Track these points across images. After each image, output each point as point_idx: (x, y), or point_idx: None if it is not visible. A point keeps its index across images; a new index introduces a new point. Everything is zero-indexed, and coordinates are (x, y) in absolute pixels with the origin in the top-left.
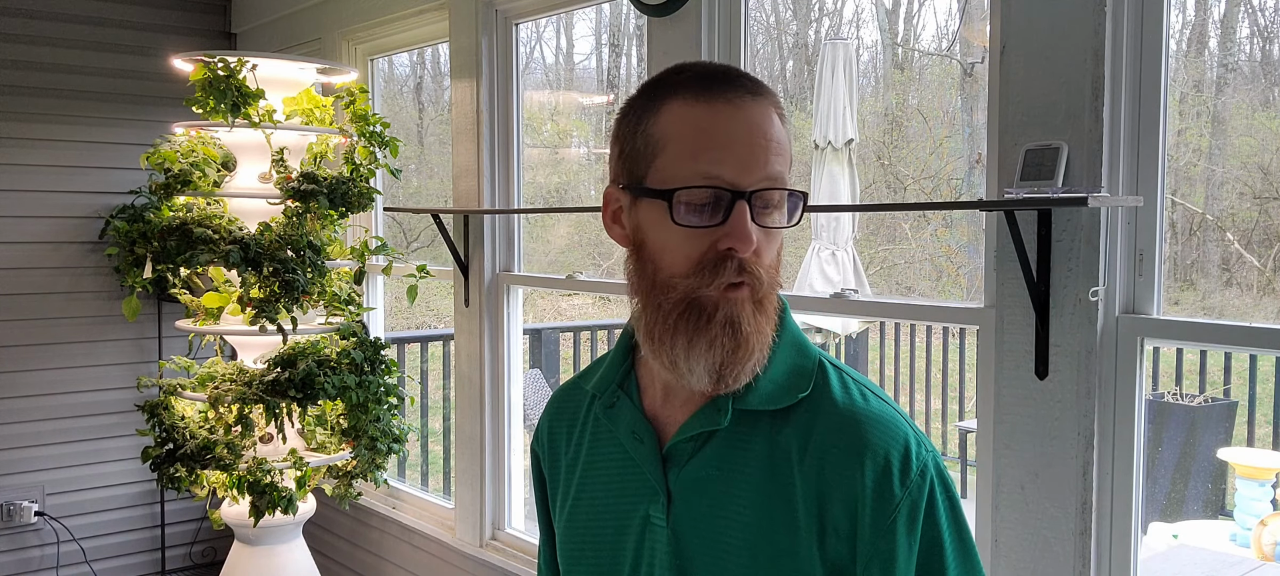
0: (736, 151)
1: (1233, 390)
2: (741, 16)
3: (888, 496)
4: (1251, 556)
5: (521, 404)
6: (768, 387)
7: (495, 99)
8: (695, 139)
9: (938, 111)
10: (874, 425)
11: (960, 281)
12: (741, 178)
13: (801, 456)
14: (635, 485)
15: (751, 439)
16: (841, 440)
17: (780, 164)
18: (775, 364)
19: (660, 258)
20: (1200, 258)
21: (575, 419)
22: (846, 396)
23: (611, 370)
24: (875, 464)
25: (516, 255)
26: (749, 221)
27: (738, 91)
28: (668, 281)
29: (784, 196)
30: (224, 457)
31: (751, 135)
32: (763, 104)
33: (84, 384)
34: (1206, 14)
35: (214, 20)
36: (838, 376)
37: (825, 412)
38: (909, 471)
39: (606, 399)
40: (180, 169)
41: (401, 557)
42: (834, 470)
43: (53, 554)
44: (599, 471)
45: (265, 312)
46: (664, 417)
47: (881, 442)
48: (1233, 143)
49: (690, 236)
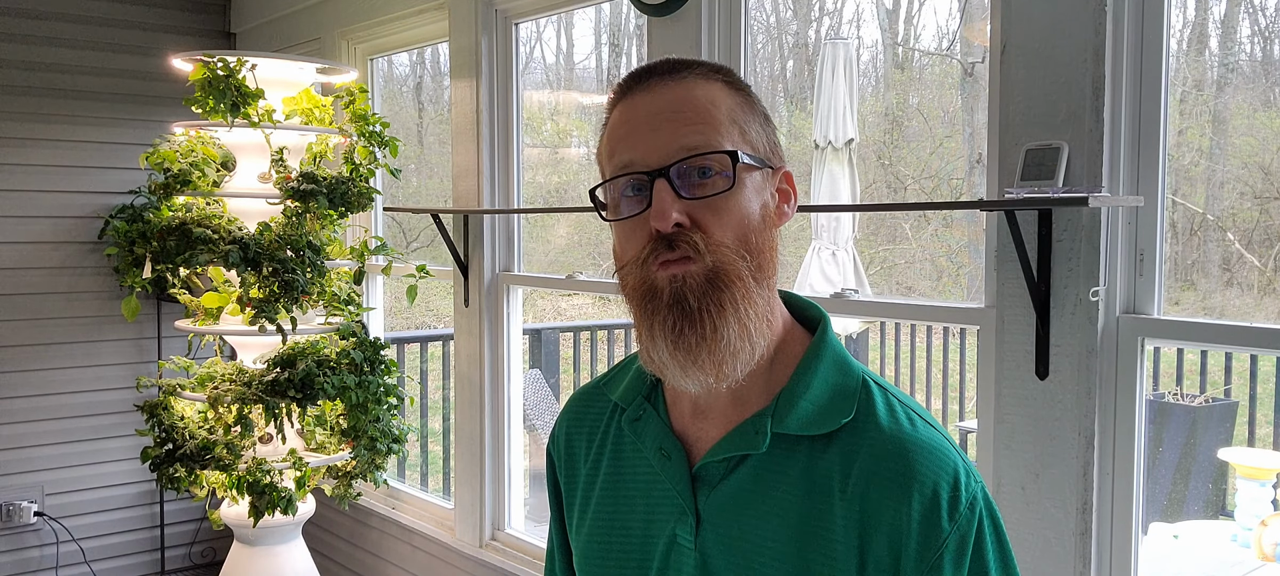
0: (641, 134)
1: (1233, 390)
2: (741, 16)
3: (935, 530)
4: (1252, 557)
5: (521, 404)
6: (808, 410)
7: (495, 99)
8: (612, 137)
9: (938, 111)
10: (922, 454)
11: (960, 281)
12: (650, 157)
13: (843, 485)
14: (662, 503)
15: (789, 463)
16: (887, 469)
17: (699, 132)
18: (816, 383)
19: (620, 257)
20: (1201, 258)
21: (596, 427)
22: (893, 421)
23: (637, 380)
24: (923, 496)
25: (516, 255)
26: (665, 197)
27: (652, 78)
28: (626, 277)
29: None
30: (223, 458)
31: (657, 115)
32: (680, 80)
33: (83, 384)
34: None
35: (214, 20)
36: (883, 398)
37: (870, 439)
38: (958, 505)
39: (633, 411)
40: (180, 169)
41: (401, 558)
42: (878, 501)
43: (52, 554)
44: (623, 486)
45: (265, 313)
46: (693, 434)
47: (930, 473)
48: (1233, 142)
49: (630, 229)
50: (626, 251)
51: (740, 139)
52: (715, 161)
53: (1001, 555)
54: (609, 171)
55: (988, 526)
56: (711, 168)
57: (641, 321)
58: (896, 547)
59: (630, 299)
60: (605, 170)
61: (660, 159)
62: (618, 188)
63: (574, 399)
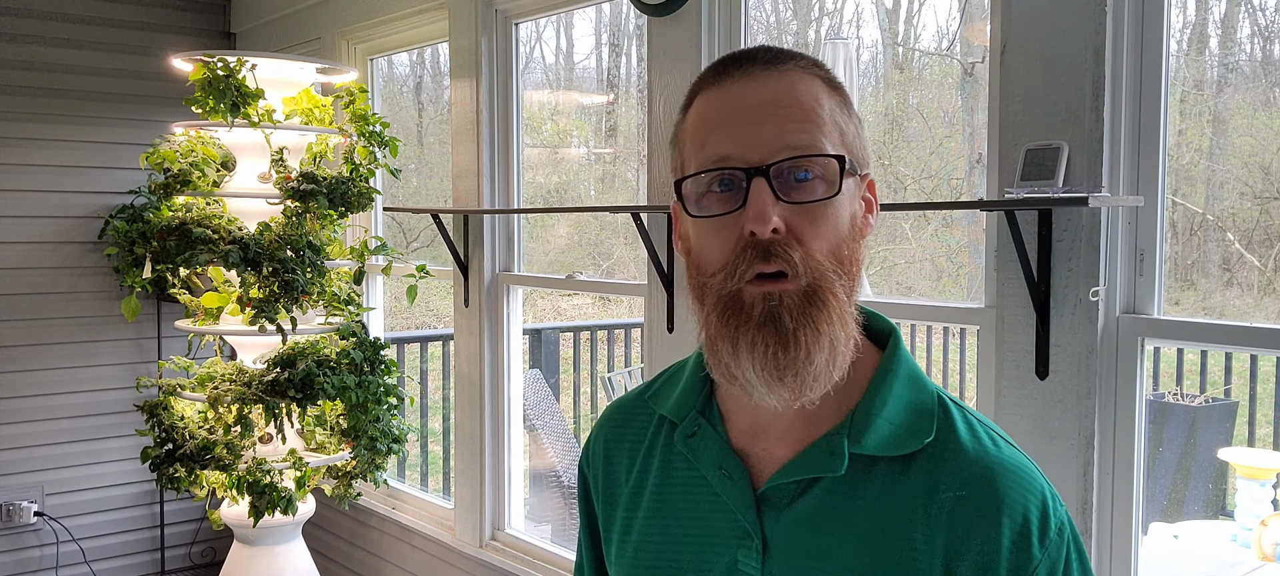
0: (743, 126)
1: (1233, 390)
2: (741, 16)
3: (1026, 557)
4: (1252, 557)
5: (521, 404)
6: (887, 430)
7: (495, 99)
8: (704, 124)
9: (938, 111)
10: (1010, 477)
11: (960, 281)
12: (750, 153)
13: (926, 510)
14: (721, 526)
15: (866, 486)
16: (975, 494)
17: (805, 132)
18: (892, 401)
19: (699, 260)
20: (1201, 257)
21: (639, 442)
22: (976, 443)
23: (689, 393)
24: (1013, 521)
25: (516, 255)
26: (765, 198)
27: (751, 65)
28: (706, 283)
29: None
30: (223, 458)
31: (760, 107)
32: (783, 72)
33: (83, 384)
34: (1207, 14)
35: (214, 20)
36: (962, 417)
37: (954, 462)
38: (1048, 530)
39: (687, 426)
40: (180, 169)
41: (401, 558)
42: (966, 526)
43: (52, 554)
44: (674, 505)
45: (265, 313)
46: (755, 453)
47: (1019, 498)
48: (1233, 142)
49: (715, 228)
50: (708, 254)
51: (840, 142)
52: (818, 165)
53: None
54: (697, 163)
55: (1074, 553)
56: (811, 171)
57: (722, 332)
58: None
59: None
60: (689, 161)
61: (761, 156)
62: (704, 182)
63: (612, 412)
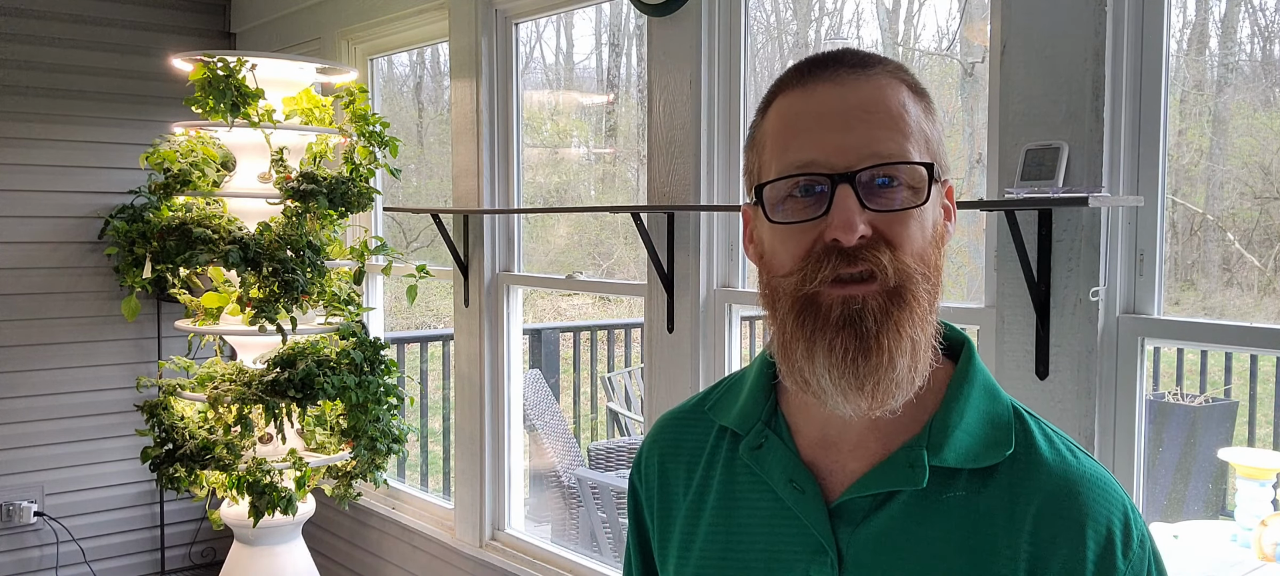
0: (828, 131)
1: (1233, 390)
2: (741, 16)
3: (1110, 569)
4: (1252, 557)
5: (521, 404)
6: (966, 442)
7: (495, 99)
8: (787, 129)
9: (938, 111)
10: (1092, 489)
11: (960, 281)
12: (836, 159)
13: (1009, 524)
14: (790, 540)
15: (946, 500)
16: (1058, 507)
17: (892, 139)
18: (970, 412)
19: (772, 263)
20: (1201, 257)
21: (698, 454)
22: (1057, 455)
23: (753, 404)
24: (1097, 534)
25: (516, 255)
26: (852, 206)
27: (837, 68)
28: (779, 285)
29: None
30: (223, 458)
31: (847, 112)
32: (870, 76)
33: (83, 384)
34: (1207, 14)
35: (214, 20)
36: (1039, 429)
37: (1036, 475)
38: (1131, 542)
39: (753, 439)
40: (180, 169)
41: (401, 558)
42: (1050, 540)
43: (52, 554)
44: (739, 519)
45: (265, 313)
46: (825, 465)
47: (1103, 510)
48: (1233, 142)
49: (792, 233)
50: (782, 258)
51: (926, 149)
52: (905, 172)
53: None
54: (779, 168)
55: (1153, 565)
56: (897, 178)
57: (797, 338)
58: None
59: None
60: (771, 163)
61: (848, 162)
62: (785, 187)
63: (666, 423)
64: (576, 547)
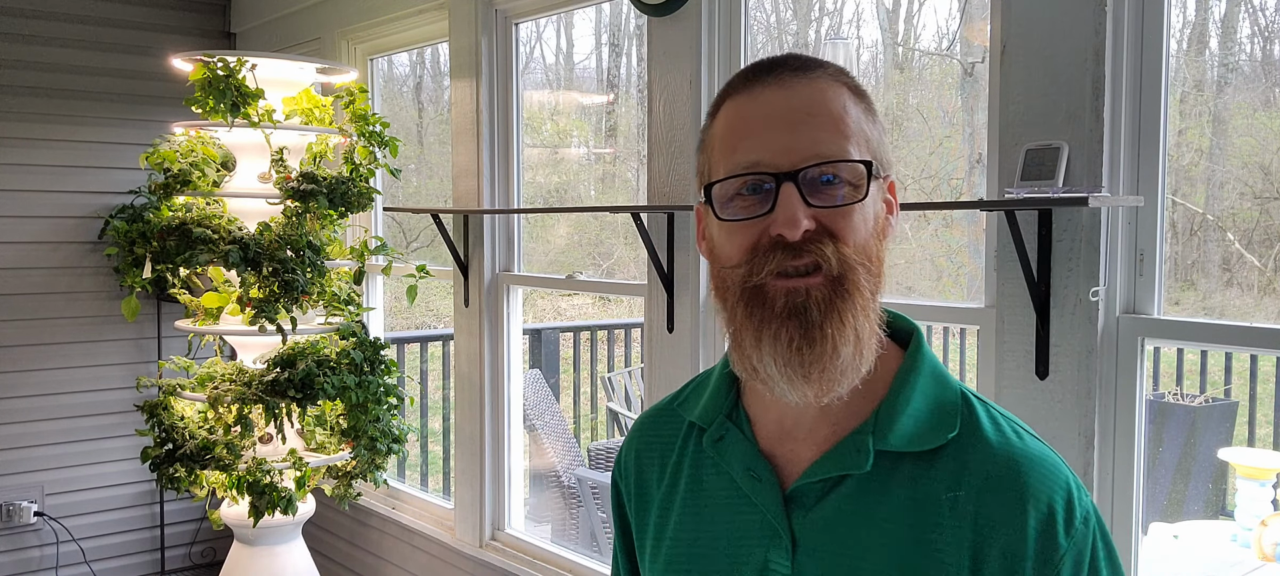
0: (772, 132)
1: (1233, 390)
2: (741, 16)
3: (1052, 547)
4: (1252, 557)
5: (521, 404)
6: (910, 426)
7: (495, 99)
8: (734, 130)
9: (938, 111)
10: (1035, 468)
11: (960, 281)
12: (781, 159)
13: (953, 503)
14: (751, 527)
15: (892, 483)
16: (1000, 485)
17: (834, 139)
18: (916, 398)
19: (721, 258)
20: (1201, 257)
21: (669, 449)
22: (1000, 435)
23: (717, 399)
24: (1038, 512)
25: (516, 255)
26: (795, 203)
27: (781, 72)
28: (727, 276)
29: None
30: (223, 458)
31: (790, 114)
32: (812, 79)
33: (83, 384)
34: (1207, 14)
35: (214, 20)
36: (985, 411)
37: (979, 455)
38: (1073, 520)
39: (715, 431)
40: (180, 169)
41: (401, 557)
42: (992, 518)
43: (52, 554)
44: (705, 508)
45: (265, 313)
46: (782, 454)
47: (1044, 488)
48: (1233, 142)
49: (739, 229)
50: (730, 250)
51: (866, 148)
52: (846, 169)
53: (1113, 568)
54: (727, 168)
55: (1100, 541)
56: (840, 176)
57: (745, 325)
58: (1011, 565)
59: (730, 300)
60: (719, 164)
61: (791, 161)
62: (732, 186)
63: (643, 421)
64: (576, 547)
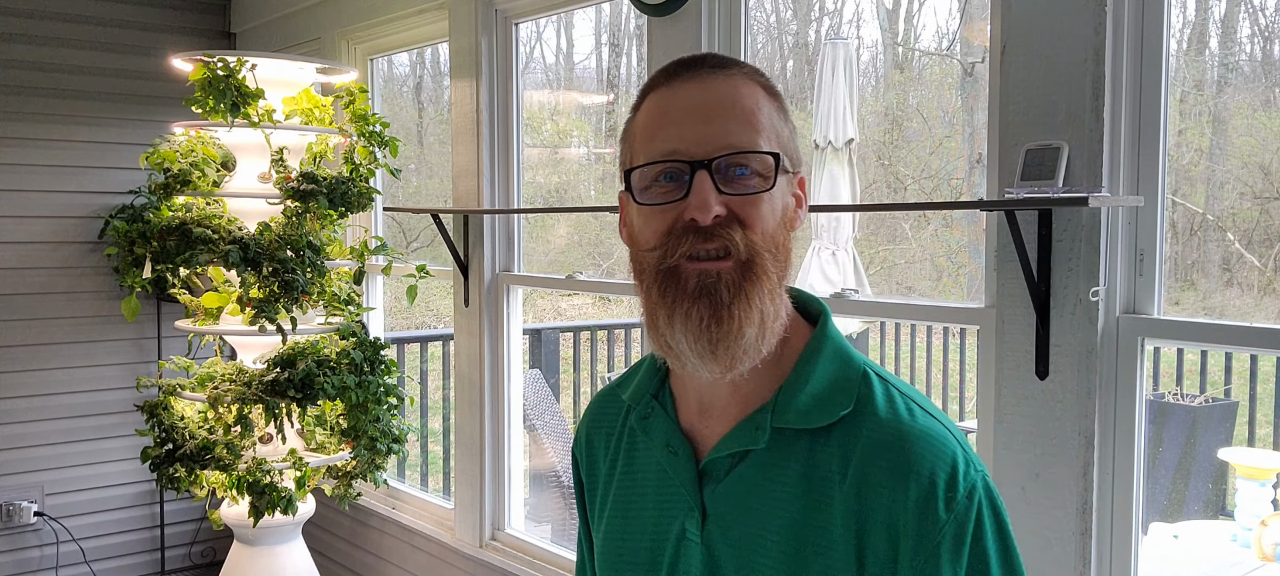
0: (689, 123)
1: (1233, 390)
2: (741, 16)
3: (932, 520)
4: (1252, 557)
5: (521, 404)
6: (806, 403)
7: (495, 99)
8: (654, 121)
9: (938, 111)
10: (919, 442)
11: (960, 281)
12: (695, 148)
13: (842, 476)
14: (672, 498)
15: (789, 457)
16: (884, 459)
17: (745, 132)
18: (816, 377)
19: (639, 241)
20: (1201, 258)
21: (613, 428)
22: (891, 411)
23: (646, 380)
24: (919, 485)
25: (516, 255)
26: (708, 189)
27: (699, 69)
28: (644, 259)
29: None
30: (223, 458)
31: (705, 106)
32: (728, 76)
33: (83, 384)
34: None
35: (214, 20)
36: (883, 389)
37: (868, 429)
38: (956, 493)
39: (641, 409)
40: (180, 169)
41: (401, 558)
42: (875, 491)
43: (52, 554)
44: (636, 483)
45: (265, 313)
46: (700, 430)
47: (927, 462)
48: (1233, 142)
49: (656, 214)
50: (647, 235)
51: (776, 142)
52: (756, 161)
53: (1003, 545)
54: (646, 155)
55: (988, 515)
56: (749, 166)
57: (659, 305)
58: (894, 538)
59: (648, 282)
60: (638, 153)
61: (705, 151)
62: (651, 173)
63: (594, 400)
64: (575, 546)
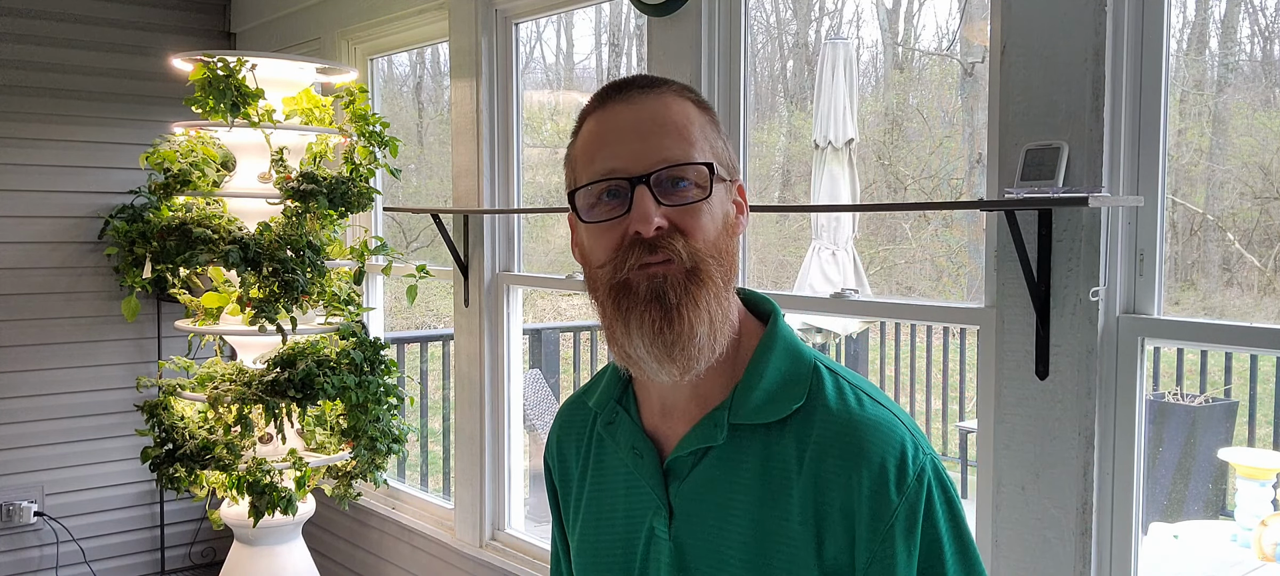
0: (625, 142)
1: (1233, 390)
2: (741, 16)
3: (884, 503)
4: (1252, 557)
5: (521, 404)
6: (760, 399)
7: (495, 99)
8: (591, 143)
9: (938, 111)
10: (869, 430)
11: (960, 281)
12: (632, 165)
13: (798, 467)
14: (639, 499)
15: (747, 452)
16: (836, 448)
17: (679, 145)
18: (768, 374)
19: (591, 258)
20: (1201, 257)
21: (582, 434)
22: (841, 402)
23: (610, 387)
24: (871, 470)
25: (516, 255)
26: (648, 203)
27: (631, 91)
28: (597, 276)
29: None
30: (223, 458)
31: (639, 124)
32: (659, 95)
33: (83, 384)
34: (1207, 14)
35: (214, 20)
36: (833, 381)
37: (820, 420)
38: (906, 476)
39: (606, 415)
40: (180, 169)
41: (401, 558)
42: (829, 479)
43: (52, 554)
44: (606, 486)
45: (265, 313)
46: (664, 432)
47: (877, 448)
48: (1233, 142)
49: (603, 231)
50: (597, 253)
51: (710, 153)
52: (692, 172)
53: (954, 524)
54: (588, 176)
55: (938, 496)
56: (687, 178)
57: (615, 318)
58: (849, 523)
59: (602, 297)
60: (581, 175)
61: (643, 167)
62: (594, 192)
63: (562, 408)
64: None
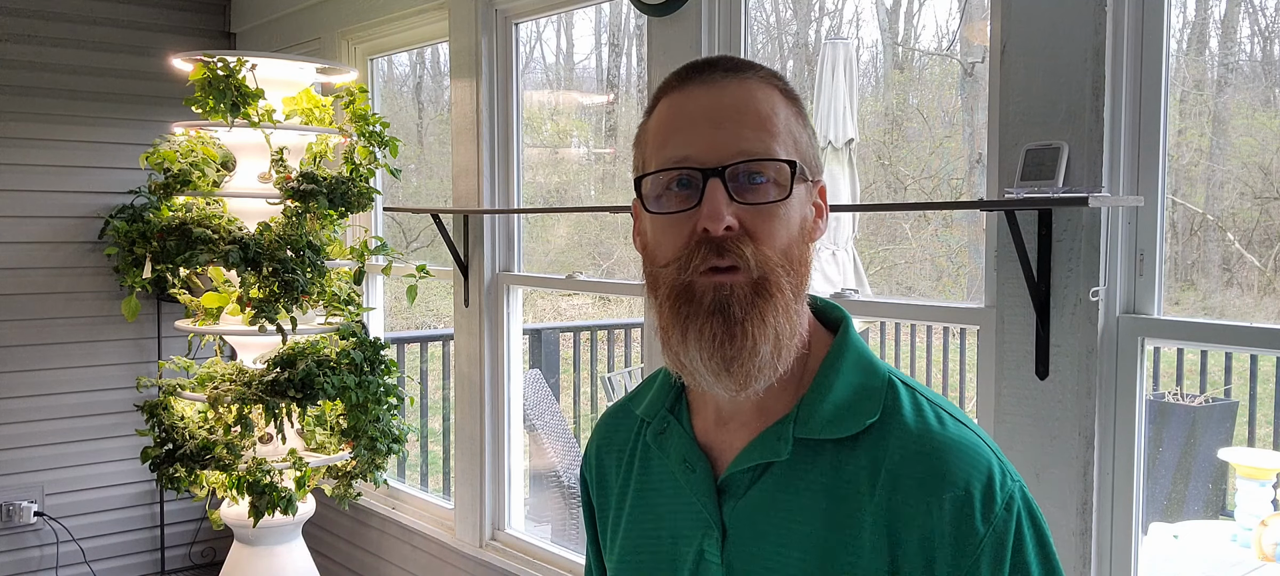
0: (701, 129)
1: (1233, 390)
2: (741, 16)
3: (969, 533)
4: (1252, 557)
5: (521, 404)
6: (830, 412)
7: (495, 99)
8: (666, 127)
9: (938, 111)
10: (953, 452)
11: (960, 281)
12: (707, 155)
13: (871, 489)
14: (689, 517)
15: (813, 469)
16: (916, 470)
17: (759, 138)
18: (839, 385)
19: (654, 253)
20: (1201, 257)
21: (625, 445)
22: (920, 420)
23: (661, 393)
24: (955, 497)
25: (516, 255)
26: (720, 198)
27: (713, 72)
28: (659, 274)
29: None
30: (223, 458)
31: (718, 111)
32: (743, 80)
33: (83, 384)
34: (1207, 14)
35: (214, 20)
36: (910, 396)
37: (897, 439)
38: (993, 505)
39: (657, 425)
40: (180, 169)
41: (401, 558)
42: (907, 504)
43: (52, 554)
44: (651, 501)
45: (265, 313)
46: (719, 444)
47: (962, 472)
48: (1233, 142)
49: (670, 224)
50: (662, 248)
51: (793, 149)
52: (771, 169)
53: (1044, 556)
54: (658, 162)
55: (1027, 527)
56: (764, 174)
57: (674, 322)
58: (929, 552)
59: (662, 299)
60: (650, 159)
61: (718, 158)
62: (663, 180)
63: (604, 418)
64: (576, 547)
